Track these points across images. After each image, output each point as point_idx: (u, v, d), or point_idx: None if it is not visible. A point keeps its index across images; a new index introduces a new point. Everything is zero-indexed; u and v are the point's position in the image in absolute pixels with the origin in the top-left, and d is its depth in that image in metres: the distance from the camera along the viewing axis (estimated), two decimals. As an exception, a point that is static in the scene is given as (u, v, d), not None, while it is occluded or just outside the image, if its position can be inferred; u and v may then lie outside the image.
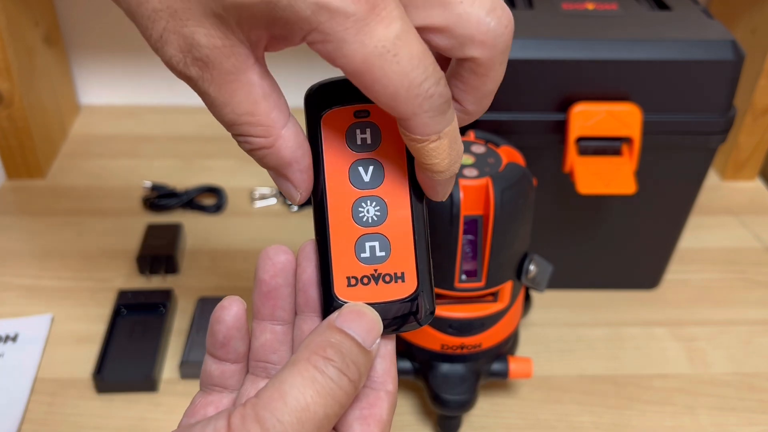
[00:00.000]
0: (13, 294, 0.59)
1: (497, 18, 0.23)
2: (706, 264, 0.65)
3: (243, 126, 0.25)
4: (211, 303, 0.57)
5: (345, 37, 0.22)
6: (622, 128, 0.48)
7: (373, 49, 0.22)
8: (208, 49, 0.23)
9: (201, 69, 0.24)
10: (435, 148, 0.24)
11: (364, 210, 0.26)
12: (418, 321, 0.26)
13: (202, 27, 0.23)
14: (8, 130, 0.69)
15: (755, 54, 0.69)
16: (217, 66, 0.23)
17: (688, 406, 0.52)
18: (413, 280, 0.26)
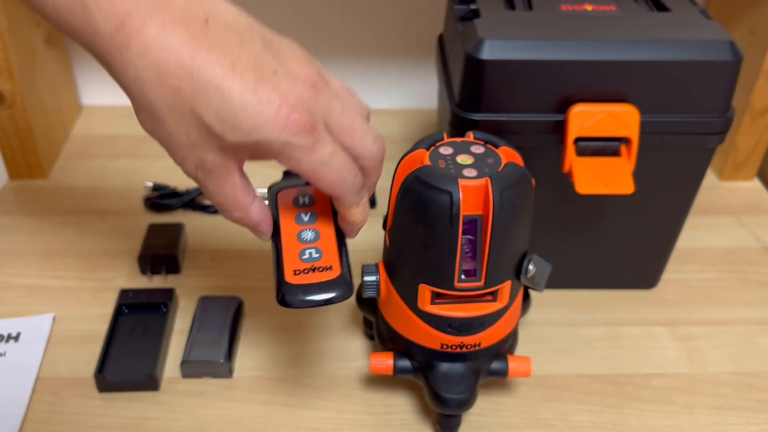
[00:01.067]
0: (15, 293, 0.60)
1: (374, 143, 0.39)
2: (705, 264, 0.66)
3: (228, 207, 0.38)
4: (211, 302, 0.57)
5: (300, 157, 0.35)
6: (620, 129, 0.49)
7: (317, 161, 0.35)
8: (211, 164, 0.36)
9: (205, 174, 0.36)
10: (355, 212, 0.40)
11: (304, 235, 0.41)
12: (343, 291, 0.38)
13: (209, 153, 0.35)
14: (10, 130, 0.69)
15: (754, 55, 0.70)
16: (215, 173, 0.36)
17: (687, 406, 0.52)
18: (338, 269, 0.39)
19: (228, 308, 0.56)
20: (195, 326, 0.55)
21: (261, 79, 0.33)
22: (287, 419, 0.50)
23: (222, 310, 0.56)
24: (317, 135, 0.34)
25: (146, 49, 0.31)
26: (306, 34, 0.82)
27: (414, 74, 0.87)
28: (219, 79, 0.32)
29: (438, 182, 0.40)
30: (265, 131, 0.33)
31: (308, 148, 0.34)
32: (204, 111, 0.32)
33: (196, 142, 0.34)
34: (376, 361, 0.48)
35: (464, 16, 0.54)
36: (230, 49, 0.32)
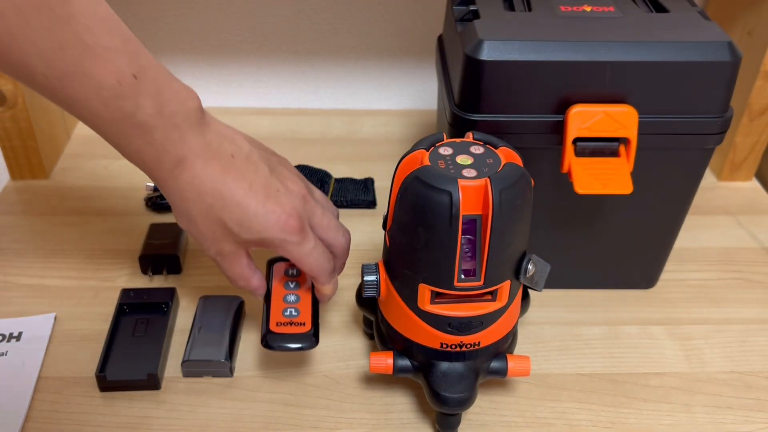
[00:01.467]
0: (17, 293, 0.60)
1: (344, 237, 0.51)
2: (703, 263, 0.66)
3: (236, 279, 0.49)
4: (212, 302, 0.57)
5: (291, 249, 0.47)
6: (619, 129, 0.49)
7: (303, 252, 0.47)
8: (227, 252, 0.47)
9: (222, 258, 0.48)
10: (326, 288, 0.51)
11: (288, 298, 0.52)
12: (310, 342, 0.49)
13: (227, 244, 0.47)
14: (12, 130, 0.70)
15: (752, 55, 0.70)
16: (230, 258, 0.48)
17: (685, 405, 0.53)
18: (309, 326, 0.49)
19: (229, 308, 0.57)
20: (196, 326, 0.55)
21: (268, 196, 0.45)
22: (288, 418, 0.51)
23: (223, 309, 0.57)
24: (304, 234, 0.47)
25: (193, 178, 0.43)
26: (306, 34, 0.82)
27: (414, 75, 0.87)
28: (240, 197, 0.44)
29: (438, 182, 0.41)
30: (270, 232, 0.45)
31: (297, 243, 0.46)
32: (228, 218, 0.45)
33: (219, 237, 0.46)
34: (376, 360, 0.48)
35: (464, 17, 0.55)
36: (248, 175, 0.45)
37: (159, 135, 0.41)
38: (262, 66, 0.84)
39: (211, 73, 0.84)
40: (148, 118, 0.40)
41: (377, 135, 0.83)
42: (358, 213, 0.71)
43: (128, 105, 0.39)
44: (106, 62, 0.37)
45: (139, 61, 0.39)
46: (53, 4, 0.34)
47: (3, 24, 0.34)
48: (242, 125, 0.83)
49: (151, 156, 0.42)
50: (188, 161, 0.43)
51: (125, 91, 0.38)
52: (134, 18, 0.80)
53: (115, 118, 0.39)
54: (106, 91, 0.38)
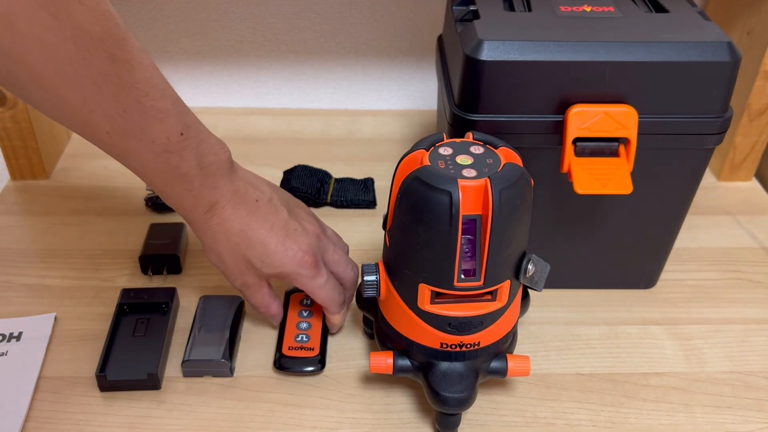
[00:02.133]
0: (17, 293, 0.60)
1: (353, 270, 0.56)
2: (703, 263, 0.66)
3: (258, 305, 0.54)
4: (213, 301, 0.57)
5: (306, 282, 0.52)
6: (619, 129, 0.49)
7: (316, 285, 0.52)
8: (251, 283, 0.52)
9: (246, 288, 0.53)
10: (336, 318, 0.55)
11: (301, 325, 0.57)
12: (317, 367, 0.54)
13: (251, 277, 0.52)
14: (12, 131, 0.70)
15: (751, 55, 0.70)
16: (253, 288, 0.53)
17: (685, 404, 0.53)
18: (317, 351, 0.55)
19: (229, 307, 0.57)
20: (196, 325, 0.55)
21: (287, 236, 0.51)
22: (288, 418, 0.51)
23: (223, 309, 0.57)
24: (318, 268, 0.52)
25: (223, 221, 0.49)
26: (306, 34, 0.82)
27: (414, 75, 0.87)
28: (262, 237, 0.50)
29: (438, 182, 0.41)
30: (288, 267, 0.51)
31: (311, 276, 0.51)
32: (252, 256, 0.50)
33: (244, 271, 0.51)
34: (376, 360, 0.48)
35: (464, 18, 0.55)
36: (269, 217, 0.50)
37: (197, 183, 0.47)
38: (262, 66, 0.84)
39: (211, 73, 0.84)
40: (190, 169, 0.46)
41: (377, 135, 0.83)
42: (358, 213, 0.71)
43: (174, 158, 0.44)
44: (160, 122, 0.43)
45: (186, 120, 0.45)
46: (121, 73, 0.40)
47: (79, 92, 0.39)
48: (242, 125, 0.84)
49: (190, 201, 0.48)
50: (219, 206, 0.48)
51: (173, 146, 0.44)
52: (134, 18, 0.80)
53: (162, 169, 0.45)
54: (158, 146, 0.43)
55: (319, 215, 0.70)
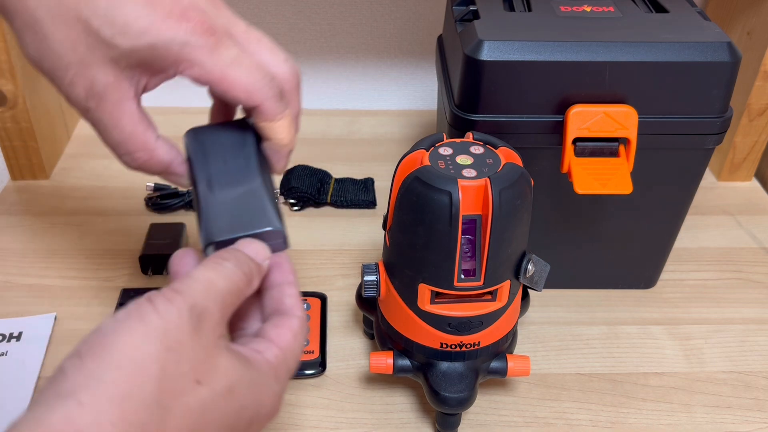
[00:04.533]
0: (17, 293, 0.60)
1: (290, 64, 0.37)
2: (703, 263, 0.66)
3: (127, 144, 0.35)
4: (209, 135, 0.40)
5: (204, 59, 0.33)
6: (619, 129, 0.49)
7: (224, 62, 0.33)
8: (103, 86, 0.33)
9: (97, 102, 0.34)
10: (279, 126, 0.37)
11: None
12: (318, 370, 0.53)
13: (101, 70, 0.33)
14: (12, 131, 0.70)
15: (751, 56, 0.70)
16: (108, 97, 0.33)
17: (685, 404, 0.53)
18: (317, 354, 0.53)
19: (241, 139, 0.39)
20: (200, 182, 0.37)
21: None
22: (288, 418, 0.51)
23: (232, 145, 0.39)
24: (218, 36, 0.33)
25: None
26: (306, 34, 0.82)
27: (414, 75, 0.87)
28: None
29: (437, 182, 0.41)
30: (159, 31, 0.32)
31: (210, 47, 0.33)
32: (91, 15, 0.31)
33: (85, 56, 0.32)
34: (376, 360, 0.48)
35: (463, 18, 0.55)
36: None
37: None
38: (262, 66, 0.84)
39: (211, 74, 0.84)
40: None
41: (377, 135, 0.83)
42: (358, 213, 0.71)
43: None
44: None
45: None
46: None
47: None
48: (242, 125, 0.84)
49: None
50: None
51: None
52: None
53: None
54: None
55: (320, 215, 0.70)
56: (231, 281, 0.31)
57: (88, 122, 0.35)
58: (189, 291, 0.29)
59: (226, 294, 0.31)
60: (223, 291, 0.31)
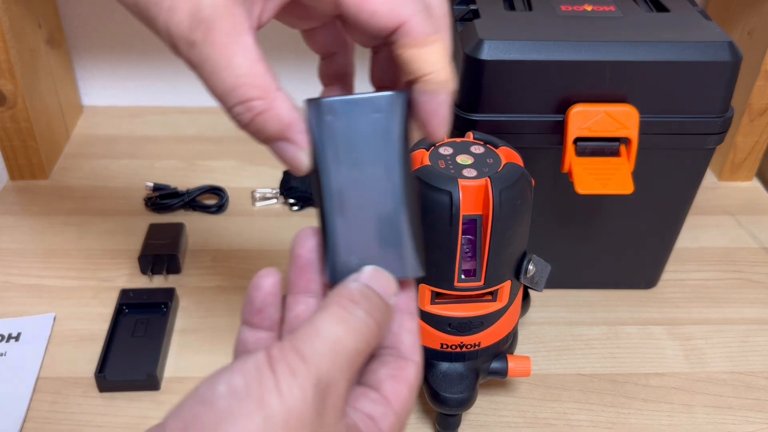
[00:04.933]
0: (16, 293, 0.60)
1: None
2: (703, 263, 0.66)
3: (242, 88, 0.27)
4: (344, 108, 0.29)
5: None
6: (619, 129, 0.49)
7: None
8: (211, 8, 0.26)
9: (204, 32, 0.26)
10: (433, 52, 0.28)
11: None
12: None
13: None
14: (11, 130, 0.69)
15: (752, 55, 0.70)
16: (218, 25, 0.26)
17: (685, 405, 0.53)
18: None
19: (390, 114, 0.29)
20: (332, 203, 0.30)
21: None
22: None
23: (376, 124, 0.29)
24: None
25: None
26: (306, 34, 0.82)
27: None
28: None
29: (438, 182, 0.40)
30: None
31: None
32: None
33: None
34: (376, 360, 0.48)
35: (464, 17, 0.55)
36: None
37: None
38: (262, 66, 0.84)
39: (210, 73, 0.84)
40: None
41: (377, 135, 0.83)
42: (358, 213, 0.71)
43: None
44: None
45: None
46: None
47: None
48: (242, 125, 0.84)
49: None
50: None
51: None
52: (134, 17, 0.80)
53: None
54: None
55: (319, 215, 0.70)
56: (361, 338, 0.27)
57: (191, 65, 0.27)
58: (315, 358, 0.25)
59: (355, 356, 0.27)
60: (351, 354, 0.26)
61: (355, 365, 0.27)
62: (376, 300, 0.29)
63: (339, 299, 0.28)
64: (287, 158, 0.29)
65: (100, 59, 0.83)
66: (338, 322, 0.27)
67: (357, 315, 0.27)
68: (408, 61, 0.28)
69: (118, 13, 0.80)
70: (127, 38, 0.81)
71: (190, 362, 0.54)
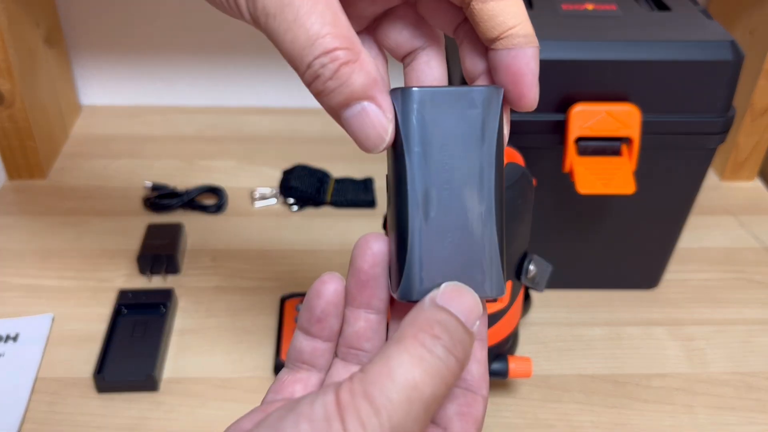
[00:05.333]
0: (14, 294, 0.60)
1: None
2: (705, 264, 0.66)
3: (328, 37, 0.24)
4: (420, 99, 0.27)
5: None
6: (621, 128, 0.49)
7: None
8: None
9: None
10: (514, 3, 0.27)
11: None
12: None
13: None
14: (9, 130, 0.69)
15: (754, 54, 0.70)
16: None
17: (687, 406, 0.52)
18: None
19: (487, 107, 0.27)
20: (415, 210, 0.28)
21: None
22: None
23: (465, 119, 0.27)
24: None
25: None
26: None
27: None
28: None
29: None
30: None
31: None
32: None
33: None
34: (376, 361, 0.48)
35: (464, 16, 0.54)
36: None
37: None
38: (262, 65, 0.84)
39: (211, 73, 0.84)
40: None
41: (377, 134, 0.83)
42: (358, 213, 0.70)
43: None
44: None
45: None
46: None
47: None
48: (241, 124, 0.83)
49: None
50: None
51: None
52: (134, 16, 0.79)
53: None
54: None
55: (319, 215, 0.70)
56: (440, 381, 0.24)
57: (264, 17, 0.25)
58: (388, 408, 0.23)
59: (432, 403, 0.24)
60: (428, 401, 0.23)
61: (432, 412, 0.24)
62: (458, 331, 0.25)
63: (416, 332, 0.24)
64: (370, 124, 0.26)
65: (99, 58, 0.82)
66: (415, 363, 0.23)
67: (436, 353, 0.24)
68: (489, 16, 0.26)
69: (117, 12, 0.79)
70: (126, 37, 0.81)
71: (189, 363, 0.54)
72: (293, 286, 0.61)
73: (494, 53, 0.27)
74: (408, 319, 0.25)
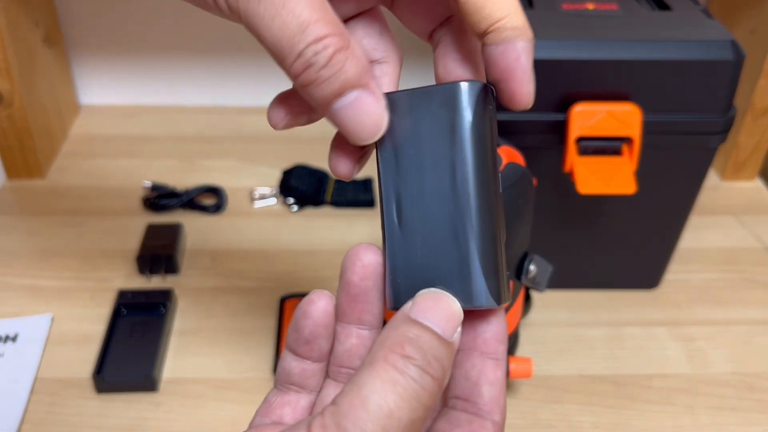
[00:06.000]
0: (13, 294, 0.59)
1: None
2: (706, 264, 0.65)
3: (318, 23, 0.23)
4: (415, 100, 0.27)
5: None
6: (622, 128, 0.48)
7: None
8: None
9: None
10: None
11: None
12: None
13: None
14: (8, 130, 0.69)
15: (755, 54, 0.70)
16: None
17: (688, 406, 0.52)
18: None
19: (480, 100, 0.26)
20: None
21: None
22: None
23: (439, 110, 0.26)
24: None
25: None
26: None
27: (414, 75, 0.86)
28: None
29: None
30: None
31: None
32: None
33: None
34: (376, 361, 0.48)
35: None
36: None
37: None
38: (262, 64, 0.84)
39: (210, 73, 0.84)
40: None
41: (377, 134, 0.83)
42: (358, 213, 0.70)
43: None
44: None
45: None
46: None
47: None
48: (241, 124, 0.83)
49: None
50: None
51: None
52: (133, 16, 0.79)
53: None
54: None
55: (319, 215, 0.70)
56: (417, 404, 0.23)
57: (246, 5, 0.23)
58: None
59: (410, 428, 0.22)
60: (406, 426, 0.22)
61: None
62: (432, 347, 0.23)
63: (386, 354, 0.23)
64: (366, 112, 0.25)
65: (98, 58, 0.82)
66: (388, 388, 0.22)
67: (410, 375, 0.23)
68: (476, 8, 0.25)
69: (116, 12, 0.79)
70: (125, 37, 0.81)
71: (189, 363, 0.54)
72: (293, 286, 0.61)
73: (485, 50, 0.25)
74: (379, 339, 0.24)
